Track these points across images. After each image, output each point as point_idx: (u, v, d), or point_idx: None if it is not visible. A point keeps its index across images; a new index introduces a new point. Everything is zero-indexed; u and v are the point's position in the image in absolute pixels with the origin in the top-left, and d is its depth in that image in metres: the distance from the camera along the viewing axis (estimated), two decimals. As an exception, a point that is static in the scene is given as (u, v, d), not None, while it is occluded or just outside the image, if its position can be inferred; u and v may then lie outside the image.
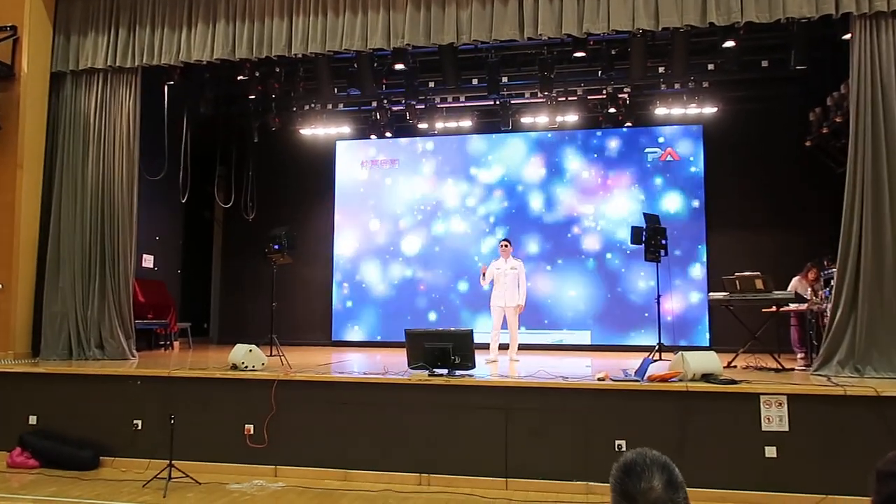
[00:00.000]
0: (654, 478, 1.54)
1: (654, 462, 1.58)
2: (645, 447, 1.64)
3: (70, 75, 8.18)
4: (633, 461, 1.59)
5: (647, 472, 1.56)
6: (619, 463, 1.62)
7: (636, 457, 1.60)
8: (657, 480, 1.54)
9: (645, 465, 1.57)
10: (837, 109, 8.96)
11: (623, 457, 1.63)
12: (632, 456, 1.61)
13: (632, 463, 1.59)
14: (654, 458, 1.60)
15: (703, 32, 8.29)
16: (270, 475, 5.87)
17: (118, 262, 7.86)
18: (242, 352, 6.42)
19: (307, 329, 12.18)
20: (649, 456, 1.60)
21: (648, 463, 1.57)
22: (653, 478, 1.54)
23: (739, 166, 11.09)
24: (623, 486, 1.57)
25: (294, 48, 7.51)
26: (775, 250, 9.91)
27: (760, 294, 7.00)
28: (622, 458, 1.63)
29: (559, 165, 11.84)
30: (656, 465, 1.57)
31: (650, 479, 1.54)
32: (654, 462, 1.58)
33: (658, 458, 1.60)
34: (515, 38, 7.08)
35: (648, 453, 1.61)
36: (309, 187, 12.64)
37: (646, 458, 1.59)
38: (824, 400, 5.18)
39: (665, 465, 1.58)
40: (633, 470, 1.57)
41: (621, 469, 1.60)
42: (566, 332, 11.43)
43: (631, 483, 1.55)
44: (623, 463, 1.61)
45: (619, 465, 1.61)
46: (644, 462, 1.58)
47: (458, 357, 5.99)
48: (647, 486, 1.53)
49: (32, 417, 6.47)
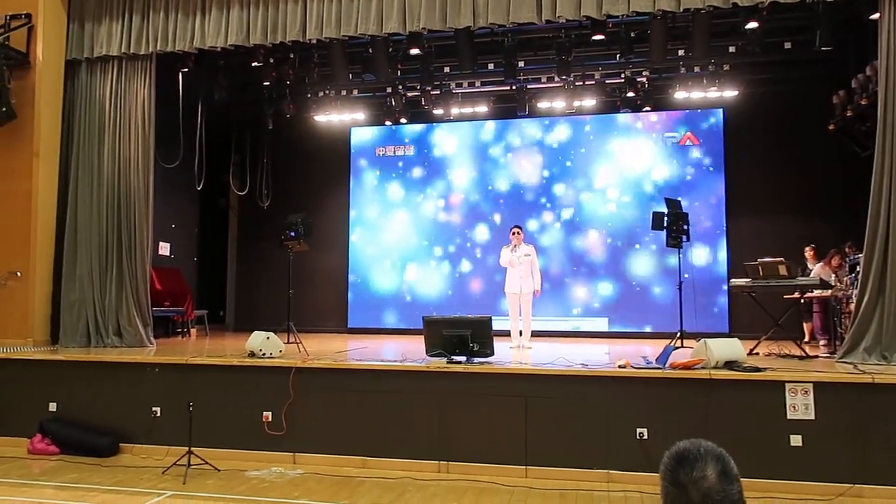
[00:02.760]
0: (707, 467, 1.50)
1: (709, 452, 1.53)
2: (699, 438, 1.59)
3: (85, 63, 8.16)
4: (687, 450, 1.55)
5: (701, 461, 1.51)
6: (670, 451, 1.57)
7: (690, 445, 1.56)
8: (711, 470, 1.49)
9: (698, 454, 1.52)
10: (863, 92, 8.75)
11: (675, 445, 1.58)
12: (685, 445, 1.57)
13: (685, 451, 1.54)
14: (709, 448, 1.55)
15: (725, 13, 8.12)
16: (289, 462, 5.86)
17: (135, 249, 7.88)
18: (260, 339, 6.40)
19: (323, 316, 12.18)
20: (703, 446, 1.55)
21: (702, 452, 1.53)
22: (706, 467, 1.50)
23: (760, 151, 10.90)
24: (674, 475, 1.52)
25: (308, 33, 7.44)
26: (797, 236, 9.74)
27: (784, 280, 6.85)
28: (674, 447, 1.58)
29: (576, 151, 11.70)
30: (710, 455, 1.53)
31: (703, 468, 1.50)
32: (709, 452, 1.53)
33: (713, 449, 1.55)
34: (533, 20, 6.95)
35: (703, 443, 1.56)
36: (324, 174, 12.60)
37: (700, 447, 1.55)
38: (852, 388, 5.08)
39: (720, 457, 1.53)
40: (686, 458, 1.52)
41: (673, 457, 1.55)
42: (583, 318, 11.35)
43: (683, 471, 1.51)
44: (675, 451, 1.56)
45: (671, 453, 1.56)
46: (698, 451, 1.53)
47: (477, 344, 5.94)
48: (700, 475, 1.49)
49: (52, 404, 6.52)
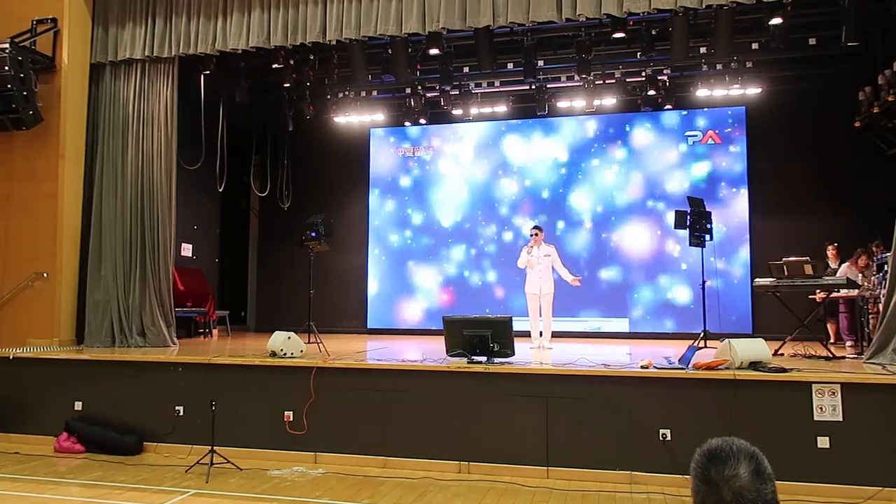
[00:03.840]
0: (740, 465, 1.46)
1: (742, 450, 1.50)
2: (732, 436, 1.55)
3: (109, 66, 8.28)
4: (719, 447, 1.52)
5: (733, 459, 1.48)
6: (702, 448, 1.54)
7: (722, 443, 1.53)
8: (743, 468, 1.46)
9: (731, 452, 1.49)
10: (890, 88, 8.60)
11: (707, 443, 1.55)
12: (717, 443, 1.53)
13: (717, 449, 1.51)
14: (742, 446, 1.52)
15: (748, 10, 8.01)
16: (310, 462, 5.88)
17: (158, 250, 7.97)
18: (281, 339, 6.43)
19: (343, 316, 12.23)
20: (736, 444, 1.52)
21: (735, 451, 1.50)
22: (738, 465, 1.46)
23: (784, 149, 10.74)
24: (705, 472, 1.49)
25: (328, 34, 7.47)
26: (821, 235, 9.57)
27: (810, 280, 6.74)
28: (706, 444, 1.55)
29: (597, 150, 11.63)
30: (744, 453, 1.49)
31: (736, 466, 1.46)
32: (742, 450, 1.50)
33: (746, 448, 1.52)
34: (553, 19, 6.91)
35: (736, 441, 1.53)
36: (343, 175, 12.65)
37: (732, 445, 1.52)
38: (881, 389, 4.98)
39: (753, 455, 1.50)
40: (718, 456, 1.49)
41: (705, 455, 1.52)
42: (604, 319, 11.27)
43: (715, 469, 1.47)
44: (707, 449, 1.53)
45: (703, 451, 1.53)
46: (730, 449, 1.50)
47: (498, 344, 5.91)
48: (732, 474, 1.45)
49: (78, 403, 6.61)
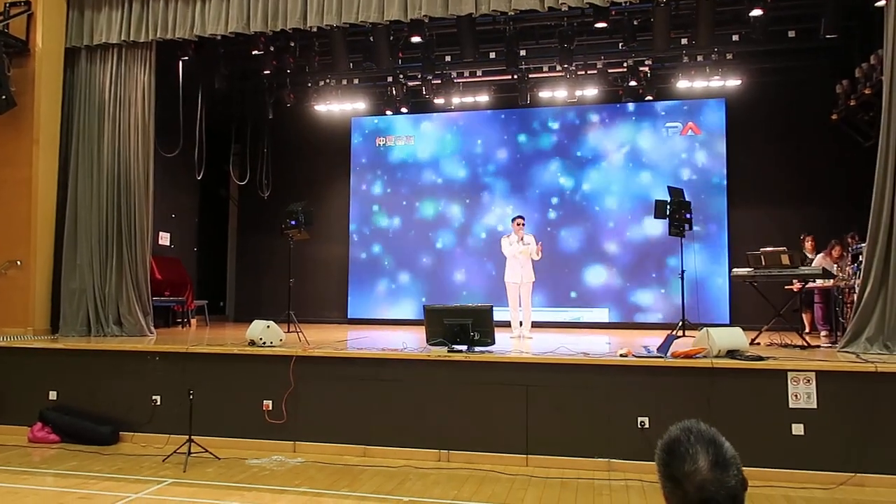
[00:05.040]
0: (698, 457, 1.41)
1: (700, 439, 1.44)
2: (692, 420, 1.50)
3: (84, 50, 8.12)
4: (677, 439, 1.45)
5: (692, 450, 1.42)
6: (662, 441, 1.48)
7: (680, 433, 1.46)
8: (702, 460, 1.40)
9: (689, 444, 1.43)
10: (867, 81, 8.69)
11: (667, 433, 1.49)
12: (676, 433, 1.47)
13: (675, 442, 1.45)
14: (700, 434, 1.45)
15: (728, 1, 8.07)
16: (289, 451, 5.85)
17: (135, 238, 7.86)
18: (260, 328, 6.38)
19: (323, 306, 12.17)
20: (694, 432, 1.45)
21: (692, 441, 1.43)
22: (697, 457, 1.41)
23: (763, 140, 10.84)
24: (667, 469, 1.44)
25: (309, 20, 7.38)
26: (799, 226, 9.69)
27: (787, 269, 6.82)
28: (665, 436, 1.49)
29: (577, 140, 11.65)
30: (701, 442, 1.43)
31: (695, 458, 1.41)
32: (700, 439, 1.44)
33: (704, 434, 1.45)
34: (536, 7, 6.88)
35: (694, 428, 1.46)
36: (324, 164, 12.55)
37: (690, 434, 1.45)
38: (854, 377, 5.06)
39: (712, 441, 1.43)
40: (677, 450, 1.44)
41: (664, 449, 1.46)
42: (583, 309, 11.33)
43: (675, 465, 1.43)
44: (666, 442, 1.47)
45: (662, 444, 1.47)
46: (688, 440, 1.44)
47: (478, 333, 5.92)
48: (692, 468, 1.40)
49: (52, 393, 6.51)
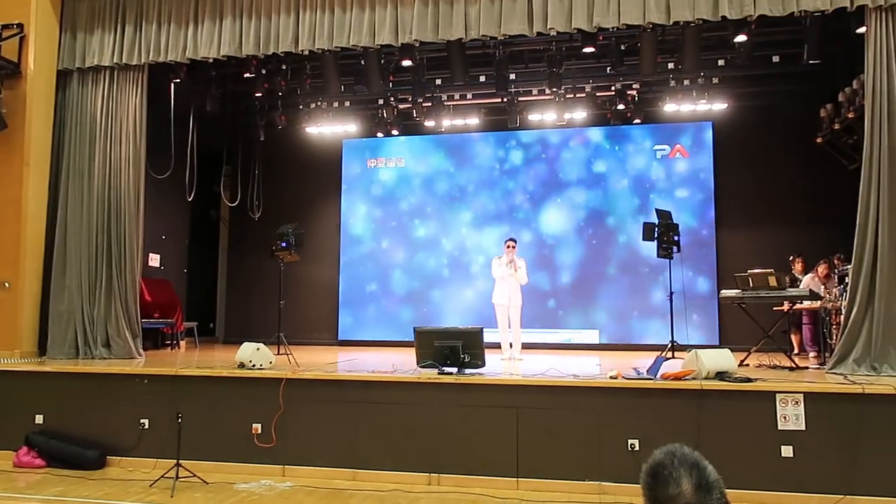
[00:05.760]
0: (682, 481, 1.46)
1: (683, 462, 1.49)
2: (676, 444, 1.55)
3: (77, 73, 8.15)
4: (661, 463, 1.50)
5: (675, 474, 1.47)
6: (647, 464, 1.53)
7: (664, 457, 1.51)
8: (686, 483, 1.45)
9: (672, 468, 1.48)
10: (850, 105, 8.85)
11: (651, 457, 1.54)
12: (659, 457, 1.52)
13: (659, 466, 1.50)
14: (683, 457, 1.50)
15: (714, 27, 8.21)
16: (278, 475, 5.80)
17: (125, 260, 7.82)
18: (250, 350, 6.36)
19: (313, 328, 12.12)
20: (678, 455, 1.51)
21: (676, 465, 1.48)
22: (681, 481, 1.46)
23: (749, 163, 10.97)
24: (652, 492, 1.49)
25: (301, 44, 7.46)
26: (786, 248, 9.79)
27: (774, 291, 6.89)
28: (650, 460, 1.54)
29: (566, 163, 11.75)
30: (685, 465, 1.48)
31: (678, 482, 1.46)
32: (683, 462, 1.49)
33: (687, 458, 1.50)
34: (525, 32, 6.99)
35: (678, 452, 1.52)
36: (315, 186, 12.58)
37: (674, 458, 1.50)
38: (842, 398, 5.09)
39: (695, 465, 1.49)
40: (661, 474, 1.49)
41: (649, 473, 1.51)
42: (574, 330, 11.34)
43: (659, 488, 1.47)
44: (650, 466, 1.52)
45: (647, 468, 1.52)
46: (672, 464, 1.49)
47: (469, 355, 5.92)
48: (676, 492, 1.45)
49: (39, 417, 6.43)
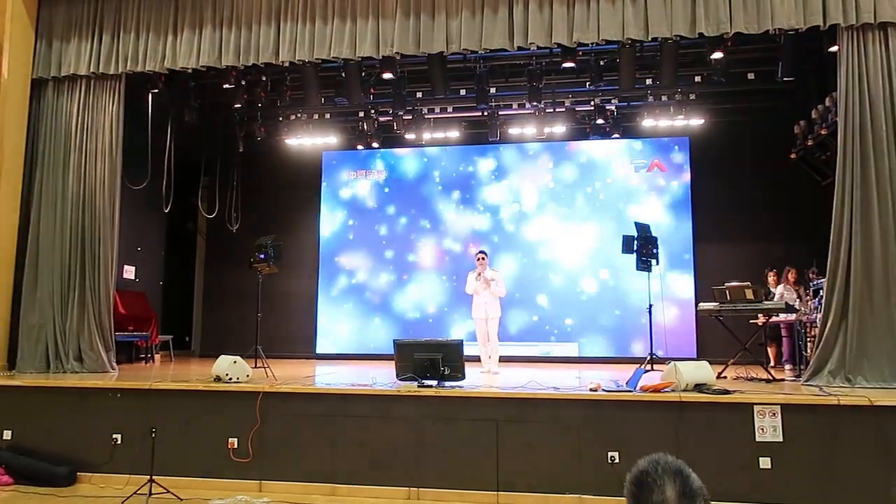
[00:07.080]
0: (666, 488, 1.47)
1: (667, 471, 1.50)
2: (660, 453, 1.56)
3: (52, 82, 8.03)
4: (645, 472, 1.52)
5: (659, 481, 1.48)
6: (631, 473, 1.54)
7: (648, 466, 1.53)
8: (670, 490, 1.47)
9: (656, 475, 1.49)
10: (822, 122, 9.03)
11: (636, 466, 1.55)
12: (644, 465, 1.54)
13: (643, 474, 1.52)
14: (667, 466, 1.51)
15: (691, 44, 8.36)
16: (255, 490, 5.71)
17: (98, 272, 7.68)
18: (226, 363, 6.26)
19: (291, 341, 12.00)
20: (662, 464, 1.52)
21: (660, 472, 1.50)
22: (665, 489, 1.47)
23: (726, 178, 11.14)
24: (636, 501, 1.50)
25: (281, 55, 7.43)
26: (762, 261, 9.93)
27: (751, 304, 6.97)
28: (634, 468, 1.55)
29: (545, 177, 11.82)
30: (668, 473, 1.49)
31: (662, 489, 1.47)
32: (667, 471, 1.50)
33: (671, 466, 1.52)
34: (505, 46, 7.04)
35: (662, 460, 1.53)
36: (295, 198, 12.52)
37: (658, 466, 1.51)
38: (818, 410, 5.14)
39: (679, 473, 1.50)
40: (645, 482, 1.50)
41: (633, 482, 1.53)
42: (553, 343, 11.36)
43: (643, 496, 1.48)
44: (634, 474, 1.53)
45: (631, 477, 1.54)
46: (656, 472, 1.50)
47: (448, 368, 5.90)
48: (660, 499, 1.46)
49: (7, 432, 6.26)
